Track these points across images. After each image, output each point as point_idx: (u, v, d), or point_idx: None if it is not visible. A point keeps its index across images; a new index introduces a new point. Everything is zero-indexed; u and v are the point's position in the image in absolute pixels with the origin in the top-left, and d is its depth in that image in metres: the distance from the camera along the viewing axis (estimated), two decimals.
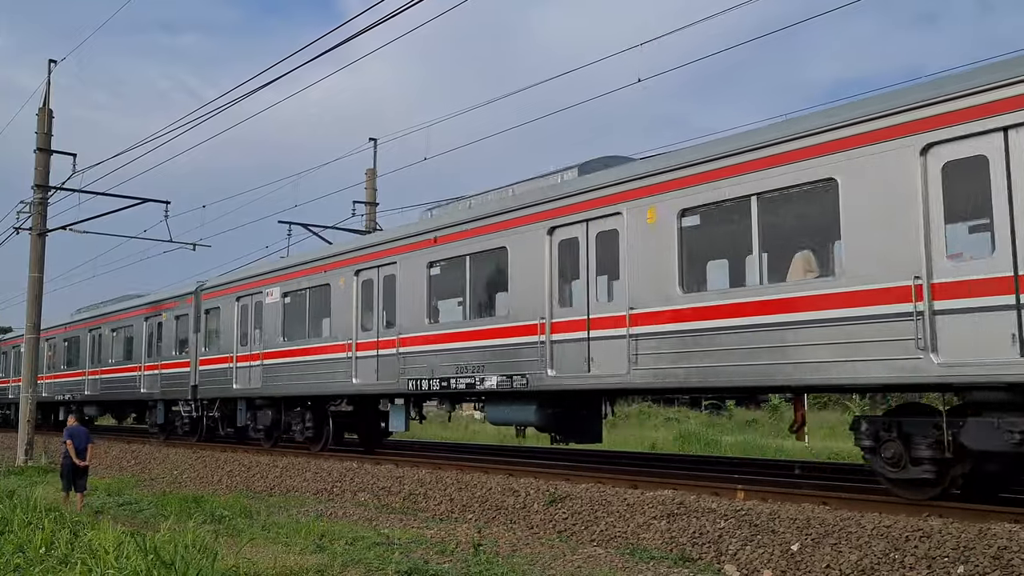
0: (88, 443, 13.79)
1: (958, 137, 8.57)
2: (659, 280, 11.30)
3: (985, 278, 8.31)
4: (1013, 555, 7.30)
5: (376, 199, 29.38)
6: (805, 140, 9.80)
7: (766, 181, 10.11)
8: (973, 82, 8.52)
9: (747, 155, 10.37)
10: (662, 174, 11.41)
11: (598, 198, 12.29)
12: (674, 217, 11.18)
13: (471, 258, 14.51)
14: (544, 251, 13.01)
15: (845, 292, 9.34)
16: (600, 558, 9.35)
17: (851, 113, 9.50)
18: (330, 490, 15.39)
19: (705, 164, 10.84)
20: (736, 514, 9.51)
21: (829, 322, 9.42)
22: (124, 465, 22.24)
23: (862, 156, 9.26)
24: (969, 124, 8.47)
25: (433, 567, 8.72)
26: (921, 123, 8.85)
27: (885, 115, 9.14)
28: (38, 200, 24.58)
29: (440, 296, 15.52)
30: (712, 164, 10.76)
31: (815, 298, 9.60)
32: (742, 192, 10.39)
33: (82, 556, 8.07)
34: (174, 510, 12.59)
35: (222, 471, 18.81)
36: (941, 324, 8.56)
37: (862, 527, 8.41)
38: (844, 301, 9.34)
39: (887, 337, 8.88)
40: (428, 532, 11.05)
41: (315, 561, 8.76)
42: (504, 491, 12.43)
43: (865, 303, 9.13)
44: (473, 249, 14.37)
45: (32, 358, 24.60)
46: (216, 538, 9.29)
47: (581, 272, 12.60)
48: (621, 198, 11.90)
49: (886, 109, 9.16)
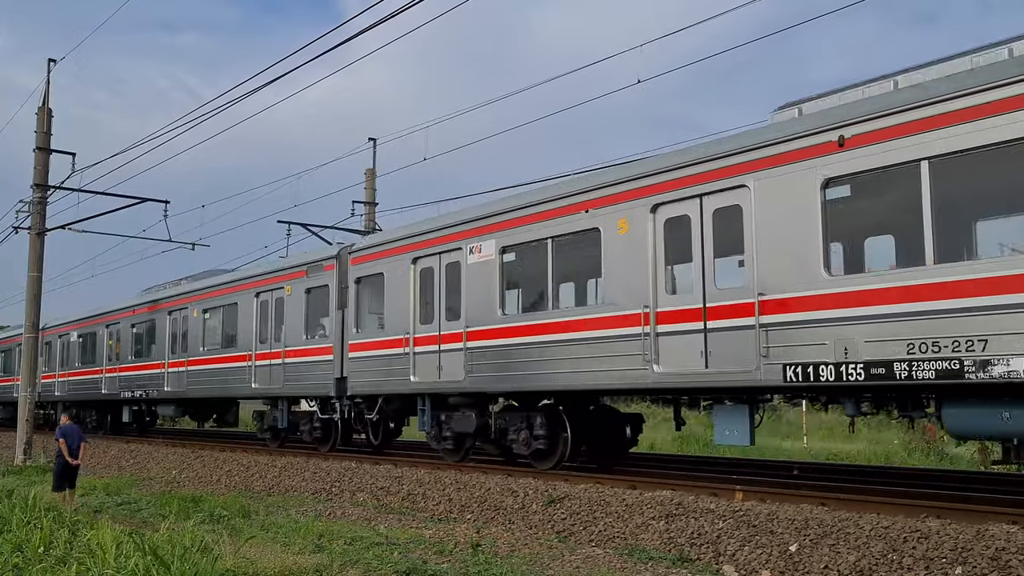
0: (81, 442, 13.83)
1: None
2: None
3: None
4: (1011, 556, 7.31)
5: (375, 199, 29.39)
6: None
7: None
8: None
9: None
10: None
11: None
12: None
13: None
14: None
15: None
16: (599, 558, 9.36)
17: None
18: (329, 490, 15.39)
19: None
20: (734, 515, 9.52)
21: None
22: (123, 464, 22.23)
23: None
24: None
25: (432, 567, 8.72)
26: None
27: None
28: (37, 199, 24.58)
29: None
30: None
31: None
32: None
33: (80, 556, 8.08)
34: (173, 510, 12.60)
35: (221, 471, 18.81)
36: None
37: (860, 528, 8.43)
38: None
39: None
40: (427, 532, 11.05)
41: (314, 561, 8.77)
42: (503, 491, 12.43)
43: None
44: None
45: (31, 357, 24.61)
46: (215, 538, 9.29)
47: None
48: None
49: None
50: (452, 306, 14.96)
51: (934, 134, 8.82)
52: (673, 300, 11.36)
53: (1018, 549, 7.35)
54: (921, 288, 8.82)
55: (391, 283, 16.33)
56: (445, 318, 15.07)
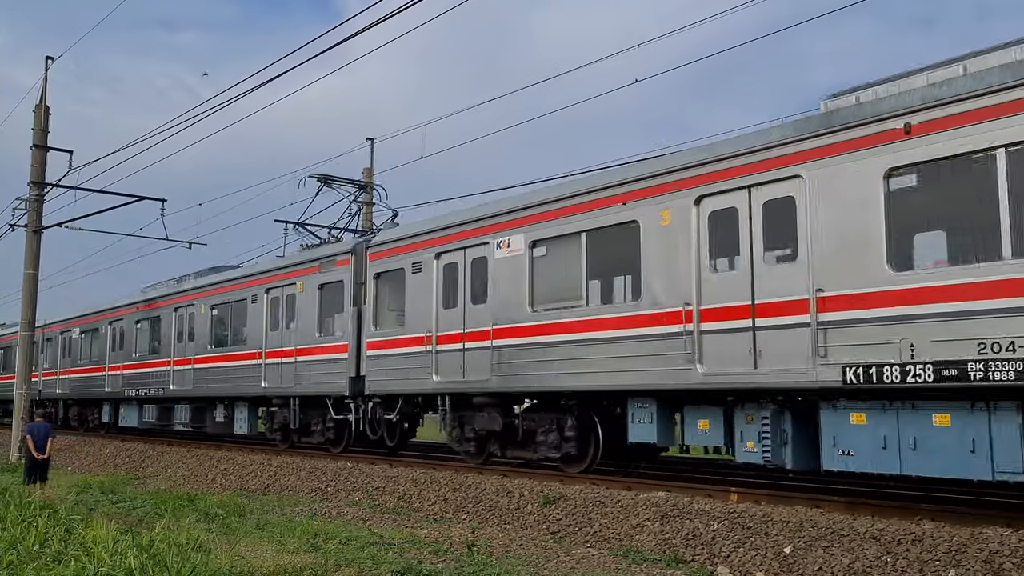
0: (48, 438, 15.17)
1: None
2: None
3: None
4: (1004, 559, 7.34)
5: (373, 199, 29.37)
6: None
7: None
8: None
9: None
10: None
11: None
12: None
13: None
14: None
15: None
16: (593, 559, 9.37)
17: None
18: (324, 489, 15.39)
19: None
20: (729, 516, 9.54)
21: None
22: (118, 463, 22.21)
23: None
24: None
25: (427, 567, 8.73)
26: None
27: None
28: (34, 197, 24.56)
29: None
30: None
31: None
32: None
33: (76, 554, 8.07)
34: (168, 508, 12.59)
35: (216, 469, 18.79)
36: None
37: (854, 530, 8.45)
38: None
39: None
40: (422, 532, 11.05)
41: (309, 560, 8.76)
42: (498, 492, 12.44)
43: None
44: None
45: (27, 355, 24.59)
46: (210, 537, 9.29)
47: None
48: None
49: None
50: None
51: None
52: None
53: (1011, 551, 7.38)
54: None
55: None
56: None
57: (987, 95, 8.55)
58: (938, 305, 8.71)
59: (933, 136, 8.89)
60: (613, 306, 12.43)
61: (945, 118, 8.84)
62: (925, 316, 8.80)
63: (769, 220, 10.39)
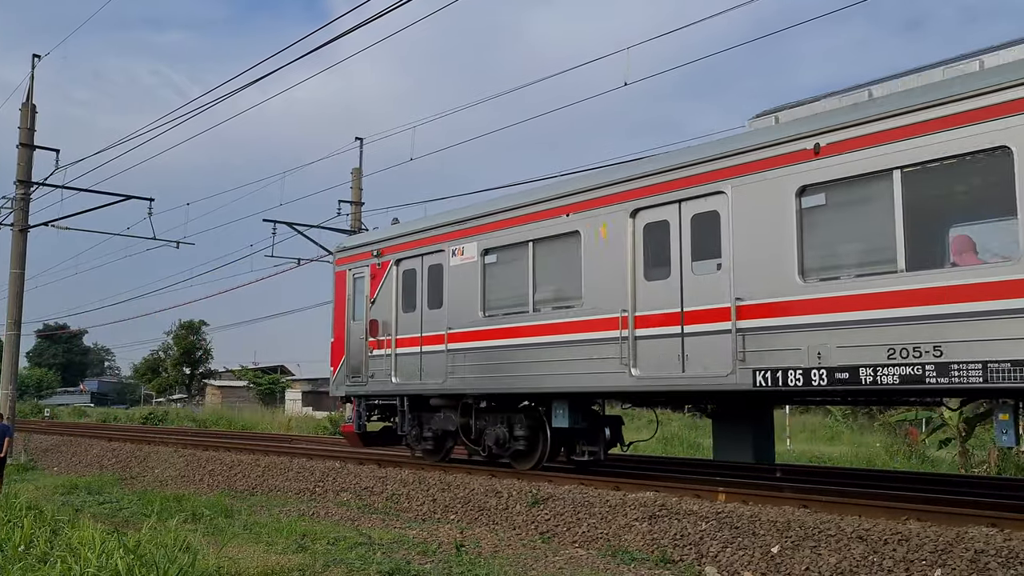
0: (5, 437, 15.97)
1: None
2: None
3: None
4: (990, 559, 7.40)
5: (362, 199, 29.35)
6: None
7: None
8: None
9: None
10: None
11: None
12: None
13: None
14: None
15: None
16: (582, 559, 9.39)
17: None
18: (312, 490, 15.35)
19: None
20: (717, 516, 9.57)
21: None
22: (105, 464, 22.08)
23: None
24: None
25: (415, 567, 8.73)
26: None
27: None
28: (20, 196, 24.41)
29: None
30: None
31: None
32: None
33: (62, 555, 8.01)
34: (155, 509, 12.53)
35: (204, 470, 18.72)
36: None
37: (842, 530, 8.49)
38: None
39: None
40: (410, 532, 11.05)
41: (297, 561, 8.75)
42: (487, 492, 12.44)
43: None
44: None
45: (13, 354, 24.42)
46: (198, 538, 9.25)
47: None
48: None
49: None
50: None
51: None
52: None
53: (997, 551, 7.43)
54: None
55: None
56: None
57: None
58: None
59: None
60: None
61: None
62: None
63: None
